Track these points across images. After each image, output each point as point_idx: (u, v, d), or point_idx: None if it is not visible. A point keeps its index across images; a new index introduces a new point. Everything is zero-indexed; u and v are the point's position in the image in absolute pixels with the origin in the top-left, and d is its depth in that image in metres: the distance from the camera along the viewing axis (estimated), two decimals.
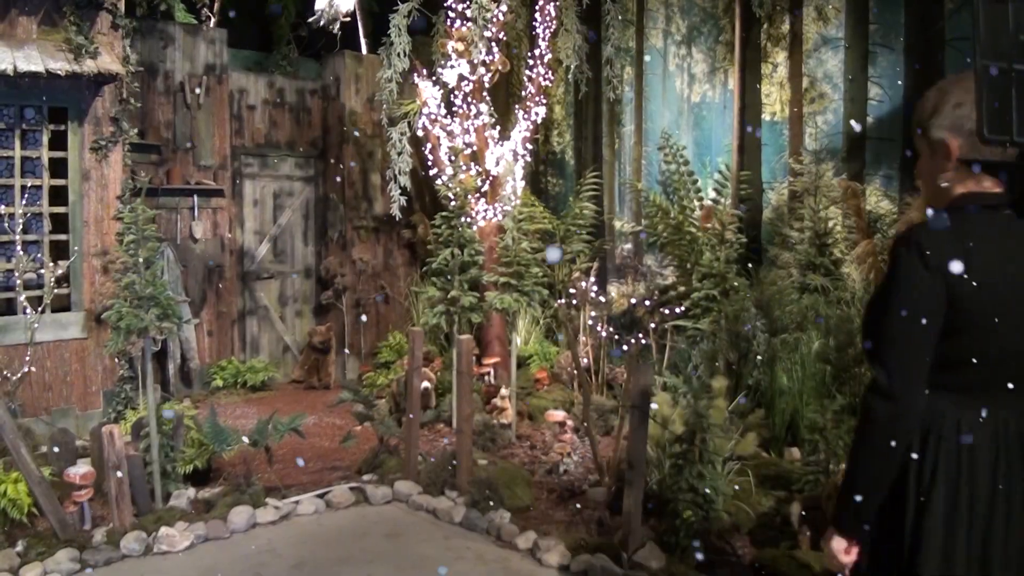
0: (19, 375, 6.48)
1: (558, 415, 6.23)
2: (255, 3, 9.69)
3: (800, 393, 6.02)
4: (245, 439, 5.67)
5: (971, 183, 2.25)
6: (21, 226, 6.54)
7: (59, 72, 6.23)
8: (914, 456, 2.22)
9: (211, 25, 9.01)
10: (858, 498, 2.28)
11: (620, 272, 9.15)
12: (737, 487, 5.01)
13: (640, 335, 7.28)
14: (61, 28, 6.61)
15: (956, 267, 2.12)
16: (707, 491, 4.56)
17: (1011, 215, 2.22)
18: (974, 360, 2.19)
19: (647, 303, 7.95)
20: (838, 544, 2.36)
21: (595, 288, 7.68)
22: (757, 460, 5.56)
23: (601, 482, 5.55)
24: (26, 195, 6.60)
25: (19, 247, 6.53)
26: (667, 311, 7.59)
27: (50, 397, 6.67)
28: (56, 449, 5.63)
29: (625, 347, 7.19)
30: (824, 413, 5.19)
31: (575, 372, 7.40)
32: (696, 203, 8.33)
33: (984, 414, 2.19)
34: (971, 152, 2.21)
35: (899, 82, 7.08)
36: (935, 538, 2.17)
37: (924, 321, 2.17)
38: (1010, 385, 2.19)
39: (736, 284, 7.29)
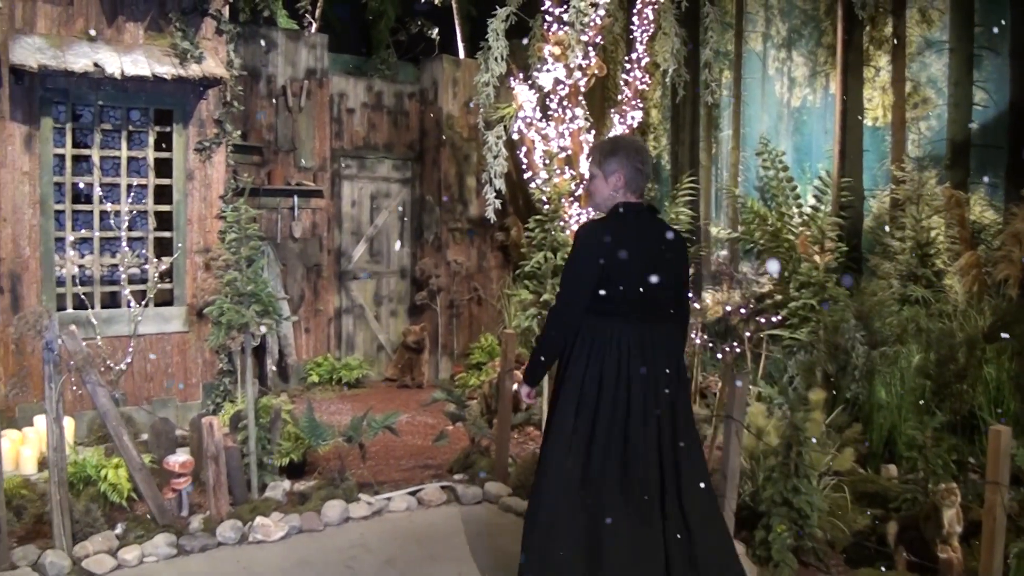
0: (122, 365, 6.73)
1: None
2: (356, 9, 9.86)
3: (899, 408, 5.87)
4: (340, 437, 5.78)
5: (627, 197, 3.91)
6: (127, 223, 6.79)
7: (165, 76, 6.44)
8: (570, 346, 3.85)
9: (312, 30, 9.21)
10: (539, 363, 3.99)
11: (715, 279, 9.04)
12: (832, 503, 4.92)
13: (735, 343, 7.19)
14: (167, 33, 6.83)
15: (608, 243, 3.75)
16: (802, 506, 4.49)
17: (648, 213, 3.93)
18: (615, 297, 3.76)
19: (742, 311, 7.85)
20: (525, 390, 4.14)
21: (689, 294, 7.61)
22: (853, 476, 5.42)
23: None
24: (132, 193, 6.84)
25: (124, 243, 6.78)
26: (763, 320, 7.47)
27: (151, 387, 6.90)
28: (156, 438, 5.84)
29: (719, 355, 7.12)
30: (923, 430, 5.05)
31: None
32: (795, 210, 8.19)
33: (615, 325, 3.78)
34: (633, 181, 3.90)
35: (1005, 87, 6.86)
36: (571, 386, 3.80)
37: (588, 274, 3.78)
38: (632, 311, 3.78)
39: (835, 294, 7.15)
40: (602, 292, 3.74)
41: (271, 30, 8.66)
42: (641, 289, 3.75)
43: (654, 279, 3.77)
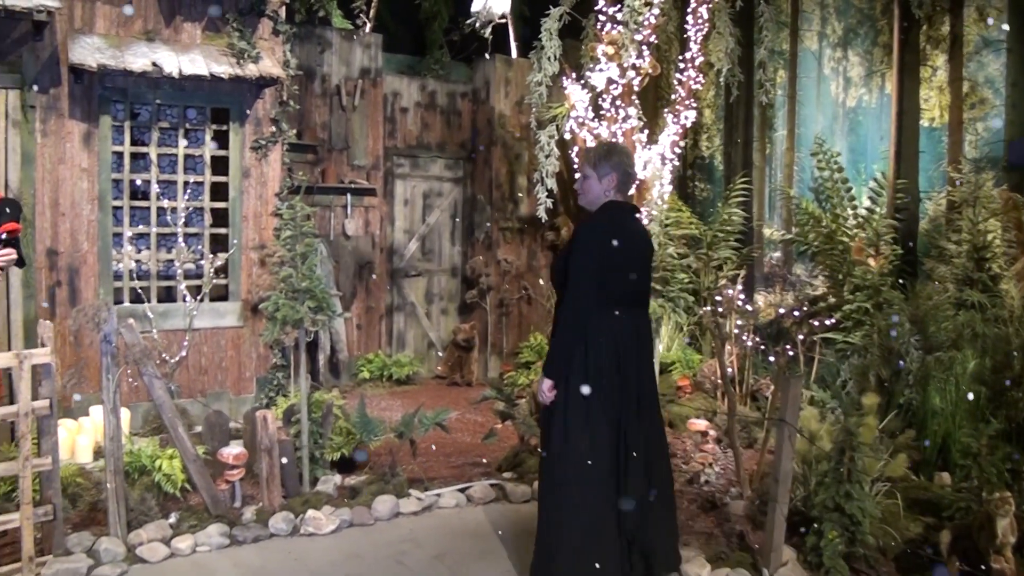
0: (177, 358, 6.83)
1: (700, 424, 6.14)
2: (409, 9, 9.91)
3: (953, 415, 5.76)
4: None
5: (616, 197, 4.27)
6: (183, 219, 6.89)
7: (222, 75, 6.52)
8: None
9: (367, 30, 9.27)
10: (561, 356, 4.12)
11: (768, 281, 8.96)
12: (884, 510, 4.84)
13: (787, 346, 7.11)
14: (224, 34, 6.92)
15: (608, 239, 4.09)
16: (854, 512, 4.42)
17: (633, 213, 4.36)
18: (614, 288, 4.12)
19: (795, 313, 7.76)
20: (547, 385, 4.16)
21: (742, 296, 7.53)
22: (906, 483, 5.34)
23: (743, 495, 5.44)
24: (188, 190, 6.94)
25: (181, 239, 6.88)
26: (816, 323, 7.38)
27: (206, 380, 7.00)
28: (210, 430, 5.92)
29: (772, 358, 7.04)
30: (978, 438, 4.96)
31: (719, 381, 7.29)
32: (849, 211, 8.09)
33: (613, 315, 4.14)
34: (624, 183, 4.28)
35: None
36: (576, 378, 4.08)
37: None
38: (625, 301, 4.18)
39: (890, 297, 7.04)
40: (602, 284, 4.12)
41: (326, 30, 8.73)
42: (632, 279, 4.22)
43: (641, 271, 4.28)
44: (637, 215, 4.44)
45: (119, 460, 4.69)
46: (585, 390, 4.09)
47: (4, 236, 4.77)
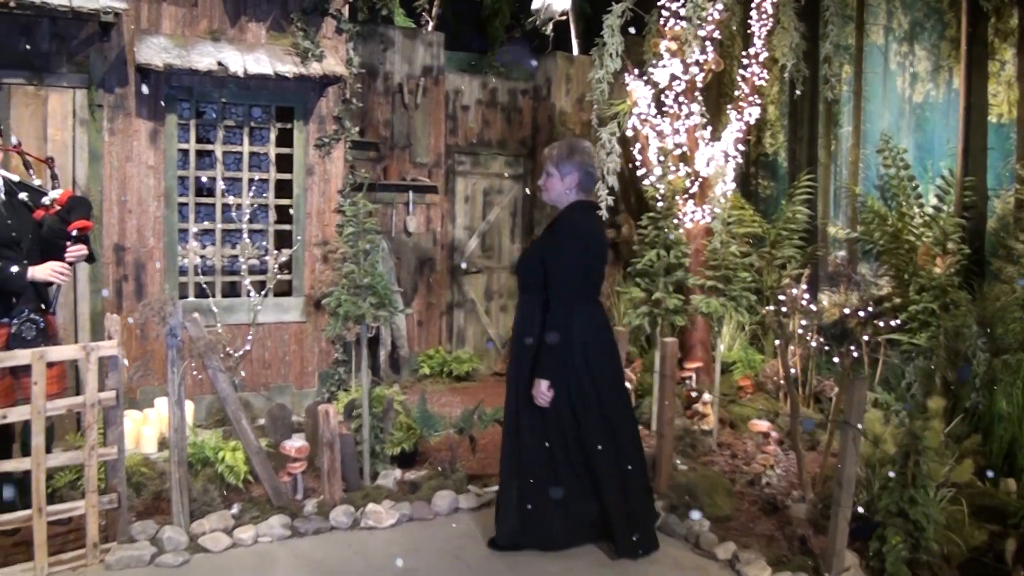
0: (241, 352, 6.92)
1: (762, 425, 6.06)
2: (471, 6, 9.93)
3: (1020, 420, 5.61)
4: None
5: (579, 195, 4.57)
6: (248, 216, 6.98)
7: (287, 74, 6.59)
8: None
9: (429, 29, 9.30)
10: (557, 353, 4.35)
11: (832, 280, 8.79)
12: (949, 516, 4.72)
13: (852, 347, 6.98)
14: (288, 33, 6.99)
15: (589, 236, 4.45)
16: (918, 518, 4.32)
17: (595, 211, 4.74)
18: (590, 283, 4.50)
19: (860, 314, 7.61)
20: (545, 385, 4.36)
21: (806, 296, 7.41)
22: (972, 489, 5.20)
23: (805, 498, 5.35)
24: (253, 188, 7.03)
25: (245, 235, 6.97)
26: (881, 323, 7.24)
27: (269, 374, 7.08)
28: (273, 423, 5.99)
29: (836, 359, 6.92)
30: None
31: (782, 382, 7.18)
32: (916, 210, 7.91)
33: (588, 308, 4.50)
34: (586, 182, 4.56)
35: None
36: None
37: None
38: (595, 294, 4.57)
39: (957, 298, 6.87)
40: (583, 282, 4.47)
41: (389, 29, 8.79)
42: (601, 276, 4.59)
43: (603, 267, 4.62)
44: (598, 212, 4.77)
45: (183, 451, 4.76)
46: (573, 376, 4.45)
47: (75, 233, 4.87)
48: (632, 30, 8.11)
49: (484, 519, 5.17)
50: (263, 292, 7.00)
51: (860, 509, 4.57)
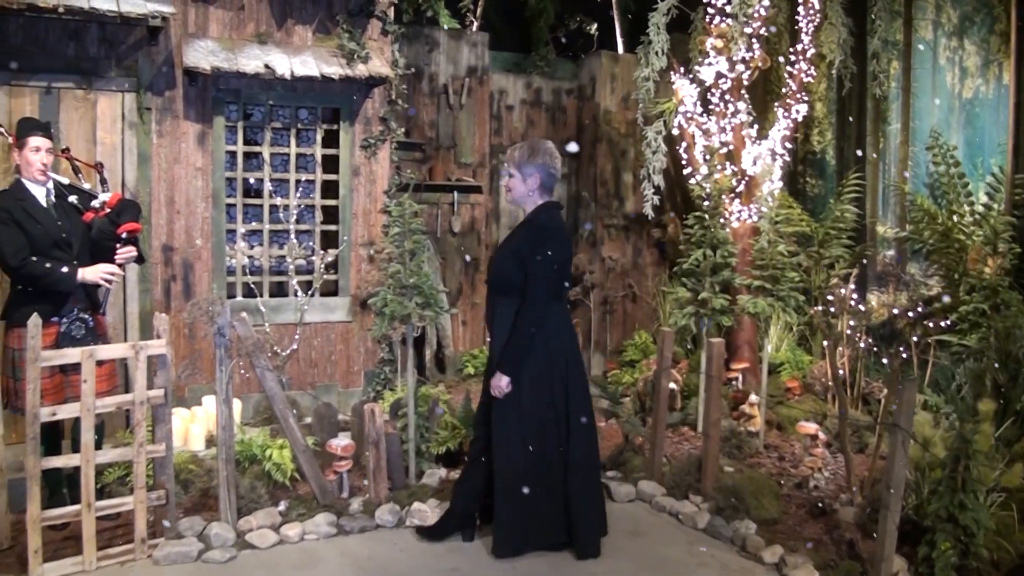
0: (288, 351, 6.98)
1: (810, 427, 5.98)
2: (515, 6, 9.93)
3: None
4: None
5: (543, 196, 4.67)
6: (295, 216, 7.03)
7: (333, 76, 6.63)
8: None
9: (474, 29, 9.31)
10: (526, 352, 4.45)
11: (881, 280, 8.66)
12: (999, 522, 4.62)
13: (901, 348, 6.87)
14: (334, 35, 7.04)
15: (562, 236, 4.68)
16: (968, 523, 4.23)
17: (560, 210, 4.77)
18: (561, 283, 4.62)
19: (909, 314, 7.50)
20: (505, 381, 4.46)
21: (854, 296, 7.31)
22: (1023, 494, 5.11)
23: (853, 502, 5.27)
24: (300, 188, 7.08)
25: (292, 235, 7.03)
26: (931, 324, 7.12)
27: (315, 373, 7.13)
28: (319, 421, 6.03)
29: (885, 360, 6.82)
30: None
31: (831, 383, 7.09)
32: (966, 208, 7.78)
33: (558, 307, 4.63)
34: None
35: None
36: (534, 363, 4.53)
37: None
38: (563, 293, 4.71)
39: (1008, 299, 6.73)
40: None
41: (434, 29, 8.81)
42: (569, 274, 4.74)
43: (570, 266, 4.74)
44: (562, 211, 4.88)
45: (231, 449, 4.81)
46: (539, 380, 4.54)
47: (124, 236, 4.94)
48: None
49: None
50: (310, 292, 7.05)
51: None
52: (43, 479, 4.49)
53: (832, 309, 7.22)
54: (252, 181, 7.01)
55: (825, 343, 6.58)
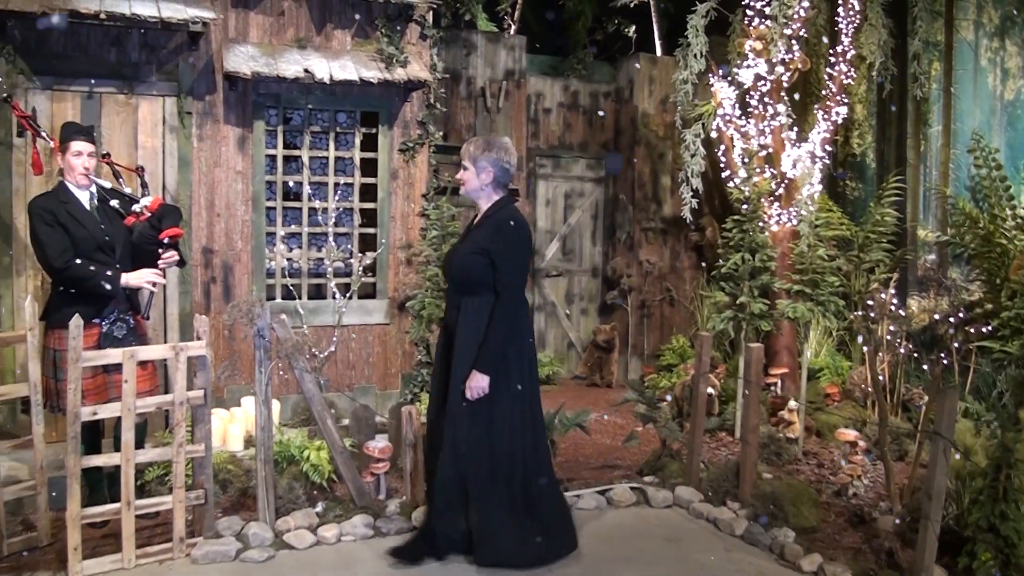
0: (326, 353, 7.01)
1: (850, 434, 5.92)
2: (553, 10, 9.93)
3: None
4: None
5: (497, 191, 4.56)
6: (333, 219, 7.07)
7: (372, 80, 6.66)
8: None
9: (511, 32, 9.32)
10: (502, 350, 4.36)
11: (922, 285, 8.56)
12: None
13: (942, 355, 6.78)
14: (373, 39, 7.07)
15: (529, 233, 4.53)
16: (1009, 533, 4.16)
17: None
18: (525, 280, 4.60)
19: (950, 320, 7.40)
20: (487, 381, 4.33)
21: (894, 301, 7.23)
22: None
23: (893, 511, 5.20)
24: (338, 192, 7.12)
25: (331, 238, 7.06)
26: (972, 330, 7.02)
27: (353, 375, 7.16)
28: (357, 423, 6.05)
29: (925, 367, 6.73)
30: None
31: (870, 390, 7.01)
32: (1008, 212, 7.67)
33: (525, 305, 4.59)
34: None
35: None
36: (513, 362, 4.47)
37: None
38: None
39: None
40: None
41: (471, 33, 8.83)
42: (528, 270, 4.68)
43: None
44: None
45: (269, 449, 4.84)
46: (517, 376, 4.48)
47: (167, 240, 5.00)
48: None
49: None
50: (348, 294, 7.08)
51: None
52: (83, 477, 4.54)
53: (872, 314, 7.14)
54: (291, 184, 7.05)
55: (865, 349, 6.50)
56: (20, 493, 4.73)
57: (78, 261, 4.72)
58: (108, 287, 4.77)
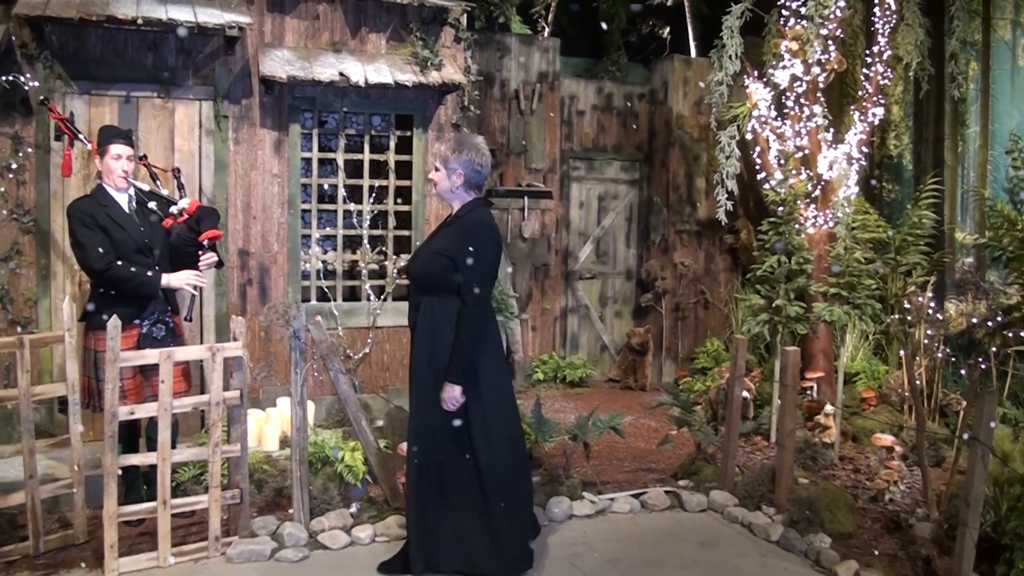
0: (361, 355, 7.05)
1: (886, 439, 5.86)
2: (587, 11, 9.92)
3: None
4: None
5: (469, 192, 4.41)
6: (368, 222, 7.10)
7: (407, 83, 6.68)
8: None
9: (545, 35, 9.32)
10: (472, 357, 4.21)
11: (960, 288, 8.45)
12: None
13: (980, 359, 6.69)
14: (408, 43, 7.09)
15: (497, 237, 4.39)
16: None
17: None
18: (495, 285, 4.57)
19: (989, 324, 7.30)
20: (459, 391, 4.18)
21: (931, 304, 7.15)
22: None
23: (930, 517, 5.14)
24: (373, 194, 7.15)
25: (366, 240, 7.10)
26: (1010, 334, 6.92)
27: (387, 376, 7.19)
28: (391, 424, 6.07)
29: (963, 371, 6.65)
30: None
31: (907, 394, 6.94)
32: None
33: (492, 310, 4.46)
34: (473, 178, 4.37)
35: None
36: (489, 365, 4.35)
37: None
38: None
39: None
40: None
41: (505, 36, 8.85)
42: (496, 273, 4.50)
43: None
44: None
45: (304, 450, 4.87)
46: (495, 382, 4.38)
47: (206, 242, 5.05)
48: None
49: (600, 526, 5.16)
50: (382, 296, 7.12)
51: None
52: (120, 476, 4.59)
53: (909, 318, 7.07)
54: (326, 187, 7.10)
55: (902, 352, 6.43)
56: (57, 491, 4.78)
57: (119, 263, 4.77)
58: (149, 289, 4.82)
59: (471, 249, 4.22)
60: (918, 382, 6.57)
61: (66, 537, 4.73)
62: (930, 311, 7.08)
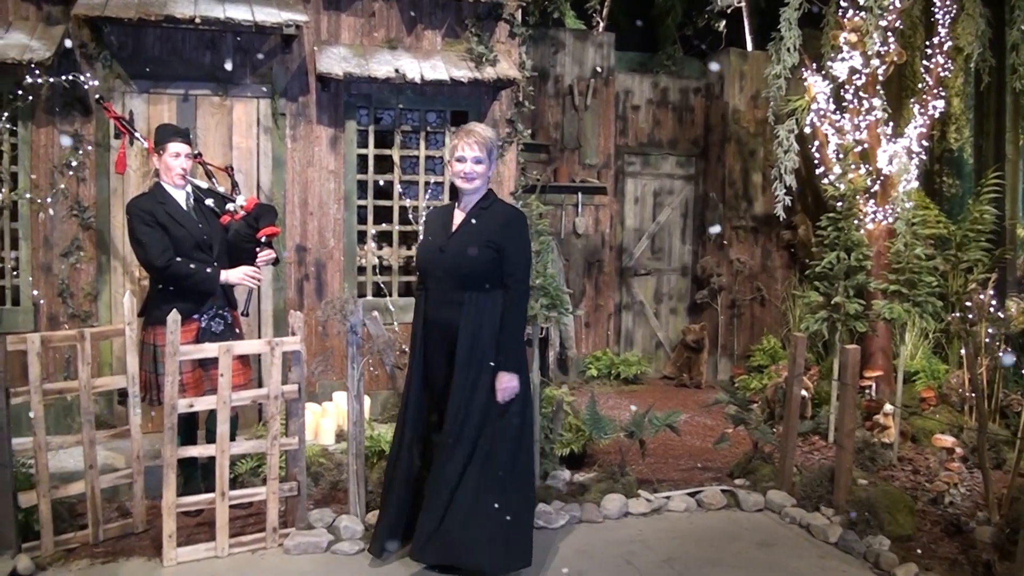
0: None
1: (946, 440, 5.75)
2: (642, 6, 9.86)
3: None
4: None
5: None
6: (423, 218, 7.12)
7: (462, 79, 6.69)
8: None
9: (599, 30, 9.28)
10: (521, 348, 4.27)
11: (1021, 285, 8.27)
12: None
13: None
14: (463, 39, 7.10)
15: None
16: None
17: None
18: None
19: None
20: (515, 379, 4.18)
21: (993, 302, 6.99)
22: None
23: (991, 521, 5.02)
24: (428, 190, 7.17)
25: (421, 236, 7.12)
26: None
27: None
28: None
29: None
30: None
31: (968, 394, 6.81)
32: None
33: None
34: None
35: None
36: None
37: None
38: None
39: None
40: None
41: (559, 31, 8.83)
42: None
43: None
44: None
45: (360, 444, 4.91)
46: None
47: (264, 239, 5.11)
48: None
49: (656, 525, 5.13)
50: None
51: None
52: (179, 467, 4.66)
53: (970, 316, 6.92)
54: (382, 183, 7.13)
55: (963, 352, 6.30)
56: (116, 481, 4.87)
57: (178, 259, 4.84)
58: (208, 285, 4.89)
59: (517, 240, 4.24)
60: (980, 382, 6.45)
61: (125, 526, 4.82)
62: (991, 309, 6.92)
